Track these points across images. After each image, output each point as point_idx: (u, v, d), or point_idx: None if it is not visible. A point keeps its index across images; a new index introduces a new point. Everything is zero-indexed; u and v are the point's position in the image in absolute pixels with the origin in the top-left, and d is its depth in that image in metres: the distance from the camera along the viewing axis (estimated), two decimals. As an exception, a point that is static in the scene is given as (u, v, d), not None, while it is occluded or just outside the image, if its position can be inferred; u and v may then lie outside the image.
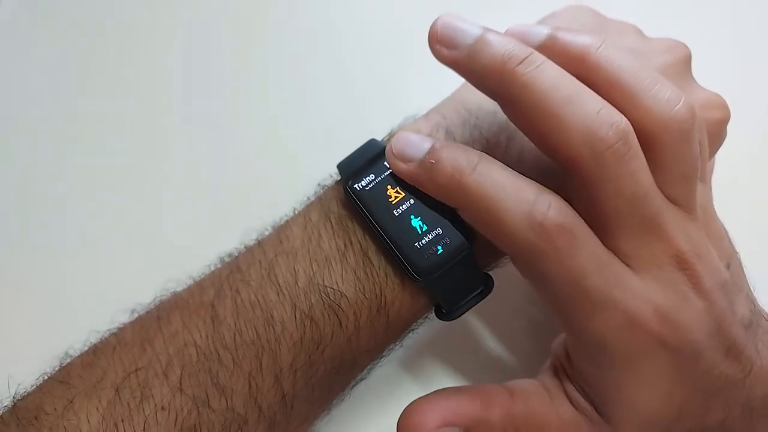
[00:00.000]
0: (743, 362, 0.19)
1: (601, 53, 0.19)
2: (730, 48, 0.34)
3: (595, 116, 0.18)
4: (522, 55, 0.18)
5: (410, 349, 0.25)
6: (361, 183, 0.20)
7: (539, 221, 0.18)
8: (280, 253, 0.20)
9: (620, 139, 0.18)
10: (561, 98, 0.18)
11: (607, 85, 0.19)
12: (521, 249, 0.18)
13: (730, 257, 0.20)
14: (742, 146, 0.27)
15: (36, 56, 0.36)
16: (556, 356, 0.22)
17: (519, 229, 0.18)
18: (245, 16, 0.37)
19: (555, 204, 0.18)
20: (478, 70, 0.19)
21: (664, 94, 0.18)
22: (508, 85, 0.18)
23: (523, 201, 0.18)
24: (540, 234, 0.18)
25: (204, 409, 0.19)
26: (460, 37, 0.19)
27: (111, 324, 0.21)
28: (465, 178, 0.19)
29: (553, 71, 0.18)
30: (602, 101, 0.18)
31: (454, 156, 0.19)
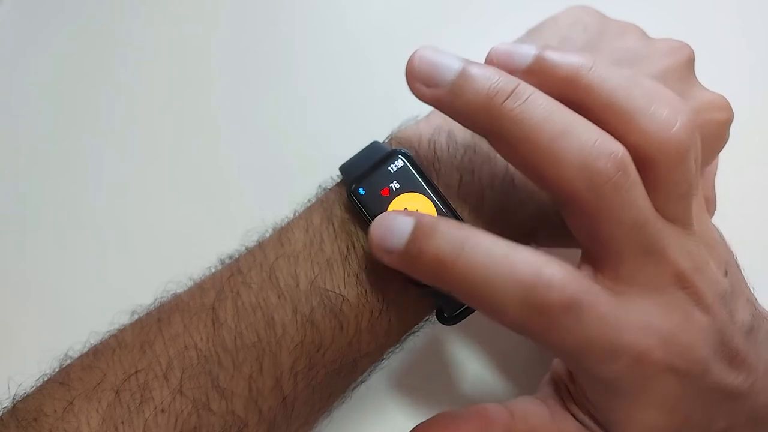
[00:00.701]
0: (746, 371, 0.19)
1: (593, 74, 0.18)
2: (733, 48, 0.33)
3: (592, 148, 0.17)
4: (509, 89, 0.18)
5: (411, 352, 0.25)
6: (366, 189, 0.20)
7: (539, 304, 0.17)
8: (281, 255, 0.20)
9: (619, 170, 0.17)
10: (554, 131, 0.17)
11: (601, 107, 0.18)
12: (520, 330, 0.18)
13: (728, 263, 0.20)
14: (745, 147, 0.27)
15: (36, 56, 0.36)
16: (556, 374, 0.22)
17: (516, 313, 0.17)
18: (246, 17, 0.37)
19: (557, 279, 0.17)
20: (462, 109, 0.18)
21: (661, 114, 0.18)
22: (496, 121, 0.18)
23: (518, 283, 0.17)
24: (541, 316, 0.17)
25: (204, 412, 0.19)
26: (439, 74, 0.18)
27: (111, 325, 0.21)
28: (450, 266, 0.17)
29: (543, 103, 0.17)
30: (598, 130, 0.17)
31: (435, 242, 0.18)
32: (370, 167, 0.21)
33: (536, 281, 0.17)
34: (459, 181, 0.21)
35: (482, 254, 0.17)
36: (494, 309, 0.17)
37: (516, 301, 0.17)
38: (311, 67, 0.35)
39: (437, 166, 0.21)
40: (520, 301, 0.17)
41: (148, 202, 0.32)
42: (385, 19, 0.36)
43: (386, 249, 0.18)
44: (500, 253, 0.17)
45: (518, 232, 0.22)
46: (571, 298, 0.17)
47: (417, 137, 0.22)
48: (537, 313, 0.17)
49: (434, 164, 0.21)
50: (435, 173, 0.21)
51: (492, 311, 0.18)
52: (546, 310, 0.17)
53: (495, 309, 0.17)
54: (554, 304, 0.17)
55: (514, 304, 0.17)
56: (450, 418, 0.20)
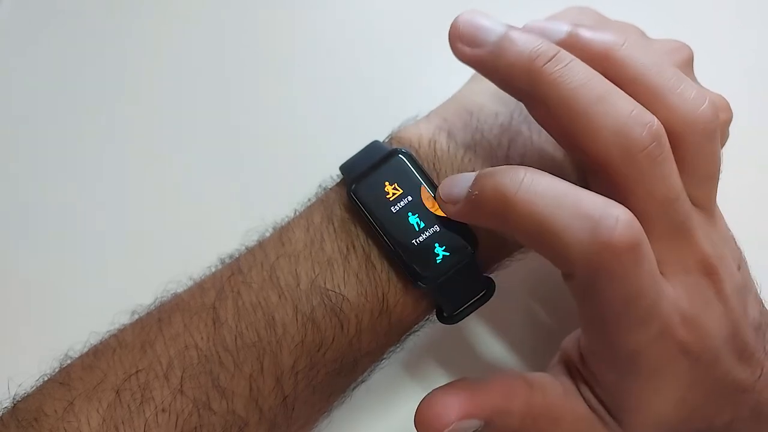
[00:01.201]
0: (753, 365, 0.19)
1: (625, 51, 0.18)
2: (732, 48, 0.34)
3: (628, 116, 0.17)
4: (550, 53, 0.18)
5: (411, 351, 0.25)
6: (366, 188, 0.20)
7: (606, 240, 0.16)
8: (282, 255, 0.20)
9: (654, 141, 0.17)
10: (592, 97, 0.17)
11: (632, 83, 0.18)
12: (581, 268, 0.17)
13: (740, 259, 0.20)
14: (744, 147, 0.27)
15: (36, 56, 0.36)
16: (567, 356, 0.21)
17: (581, 249, 0.17)
18: (246, 17, 0.37)
19: (623, 218, 0.16)
20: (503, 69, 0.18)
21: (690, 94, 0.18)
22: (536, 83, 0.18)
23: (585, 218, 0.16)
24: (607, 254, 0.16)
25: (205, 411, 0.19)
26: (483, 35, 0.19)
27: (111, 325, 0.21)
28: (511, 200, 0.17)
29: (582, 69, 0.18)
30: (634, 102, 0.18)
31: (496, 179, 0.18)
32: (371, 167, 0.21)
33: (604, 216, 0.16)
34: None
35: (544, 186, 0.17)
36: (558, 245, 0.17)
37: (582, 236, 0.16)
38: (311, 67, 0.35)
39: (437, 166, 0.21)
40: (588, 235, 0.16)
41: (148, 201, 0.32)
42: (385, 19, 0.36)
43: (452, 199, 0.19)
44: (564, 188, 0.17)
45: None
46: (636, 238, 0.16)
47: (417, 137, 0.22)
48: (602, 248, 0.16)
49: (434, 164, 0.21)
50: (435, 173, 0.21)
51: (555, 248, 0.17)
52: (612, 247, 0.16)
53: (559, 245, 0.17)
54: (620, 241, 0.16)
55: (581, 239, 0.16)
56: (471, 385, 0.20)
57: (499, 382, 0.20)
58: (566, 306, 0.27)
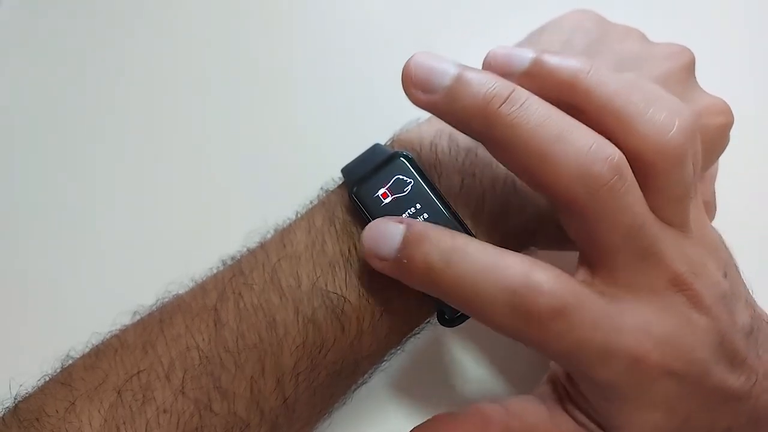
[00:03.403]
0: (747, 372, 0.19)
1: (591, 78, 0.18)
2: (734, 52, 0.34)
3: (588, 152, 0.17)
4: (505, 94, 0.18)
5: (412, 353, 0.25)
6: (367, 190, 0.20)
7: (528, 310, 0.17)
8: (283, 257, 0.20)
9: (615, 175, 0.17)
10: (550, 136, 0.17)
11: (599, 111, 0.18)
12: (512, 335, 0.18)
13: (727, 265, 0.20)
14: (745, 150, 0.27)
15: (36, 56, 0.36)
16: (555, 376, 0.22)
17: (506, 319, 0.17)
18: (249, 18, 0.37)
19: (546, 284, 0.17)
20: (458, 114, 0.18)
21: (659, 118, 0.18)
22: (492, 127, 0.18)
23: (507, 290, 0.17)
24: (531, 322, 0.17)
25: (206, 413, 0.19)
26: (436, 79, 0.18)
27: (113, 326, 0.21)
28: (439, 275, 0.18)
29: (538, 108, 0.18)
30: (593, 134, 0.18)
31: (425, 250, 0.18)
32: (372, 169, 0.21)
33: (525, 287, 0.17)
34: (460, 184, 0.21)
35: (471, 262, 0.17)
36: (485, 316, 0.18)
37: (505, 308, 0.17)
38: (313, 69, 0.35)
39: (439, 169, 0.21)
40: (510, 307, 0.17)
41: (150, 202, 0.32)
42: (387, 21, 0.36)
43: (378, 257, 0.19)
44: (489, 260, 0.17)
45: (519, 234, 0.22)
46: (560, 303, 0.17)
47: (419, 140, 0.22)
48: (526, 318, 0.17)
49: (436, 167, 0.22)
50: (437, 176, 0.21)
51: (483, 318, 0.18)
52: (535, 316, 0.17)
53: (485, 316, 0.18)
54: (543, 310, 0.17)
55: (504, 311, 0.17)
56: (447, 419, 0.20)
57: (475, 414, 0.20)
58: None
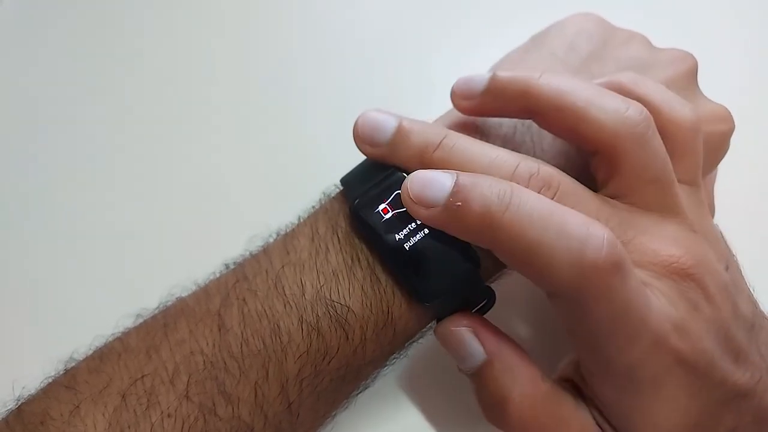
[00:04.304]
0: (751, 368, 0.19)
1: (541, 82, 0.19)
2: (738, 59, 0.34)
3: (515, 171, 0.19)
4: (436, 140, 0.20)
5: (414, 358, 0.25)
6: (367, 206, 0.20)
7: (592, 261, 0.16)
8: (287, 264, 0.20)
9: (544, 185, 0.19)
10: (483, 163, 0.19)
11: (554, 110, 0.19)
12: (569, 289, 0.17)
13: (728, 260, 0.20)
14: (744, 155, 0.27)
15: (36, 56, 0.36)
16: (568, 378, 0.21)
17: (567, 271, 0.17)
18: (251, 21, 0.37)
19: (608, 237, 0.17)
20: (401, 163, 0.20)
21: (611, 104, 0.18)
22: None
23: (571, 238, 0.17)
24: (594, 274, 0.16)
25: (210, 417, 0.19)
26: (378, 134, 0.21)
27: (115, 329, 0.21)
28: (498, 218, 0.17)
29: (466, 144, 0.20)
30: (515, 155, 0.19)
31: (482, 192, 0.17)
32: (373, 184, 0.21)
33: (588, 238, 0.17)
34: None
35: (531, 207, 0.17)
36: (544, 266, 0.17)
37: (568, 257, 0.16)
38: (315, 73, 0.35)
39: None
40: (573, 256, 0.16)
41: (153, 205, 0.32)
42: (389, 26, 0.36)
43: (426, 203, 0.18)
44: (548, 207, 0.17)
45: None
46: (621, 258, 0.17)
47: None
48: (589, 269, 0.16)
49: None
50: None
51: (541, 269, 0.17)
52: (597, 268, 0.16)
53: (545, 266, 0.17)
54: (606, 262, 0.16)
55: (566, 260, 0.17)
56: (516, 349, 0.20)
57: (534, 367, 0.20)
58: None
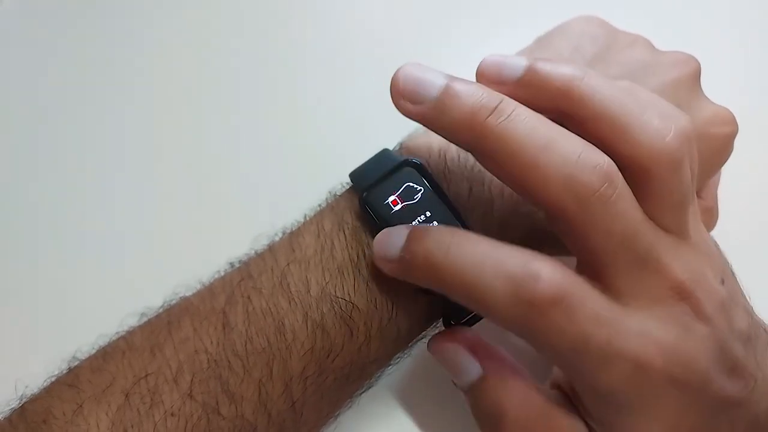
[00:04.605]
0: (746, 379, 0.19)
1: (585, 85, 0.18)
2: (741, 61, 0.34)
3: (576, 161, 0.17)
4: (492, 105, 0.18)
5: (419, 357, 0.25)
6: (377, 197, 0.20)
7: (528, 298, 0.17)
8: (292, 261, 0.20)
9: (605, 182, 0.17)
10: (537, 146, 0.17)
11: (594, 118, 0.18)
12: (513, 326, 0.18)
13: (724, 272, 0.20)
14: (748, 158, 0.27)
15: (36, 56, 0.36)
16: (558, 386, 0.21)
17: (508, 311, 0.17)
18: (257, 21, 0.37)
19: (545, 272, 0.17)
20: (446, 125, 0.18)
21: (654, 124, 0.18)
22: (480, 138, 0.18)
23: (506, 279, 0.17)
24: (531, 310, 0.17)
25: (214, 416, 0.19)
26: (423, 91, 0.18)
27: (119, 327, 0.21)
28: (439, 266, 0.18)
29: (526, 118, 0.18)
30: (582, 143, 0.18)
31: (424, 246, 0.18)
32: (382, 176, 0.21)
33: (523, 274, 0.17)
34: (469, 191, 0.21)
35: (470, 251, 0.18)
36: (486, 306, 0.17)
37: (505, 296, 0.17)
38: (322, 72, 0.35)
39: (447, 176, 0.22)
40: (509, 295, 0.17)
41: (158, 204, 0.32)
42: (396, 26, 0.36)
43: (386, 259, 0.19)
44: (487, 250, 0.18)
45: (526, 242, 0.22)
46: (559, 291, 0.17)
47: (427, 146, 0.22)
48: (526, 307, 0.17)
49: (445, 174, 0.22)
50: (446, 183, 0.21)
51: (484, 308, 0.18)
52: (535, 304, 0.17)
53: (486, 306, 0.17)
54: (543, 297, 0.16)
55: (504, 300, 0.17)
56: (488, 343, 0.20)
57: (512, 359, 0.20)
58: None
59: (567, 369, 0.19)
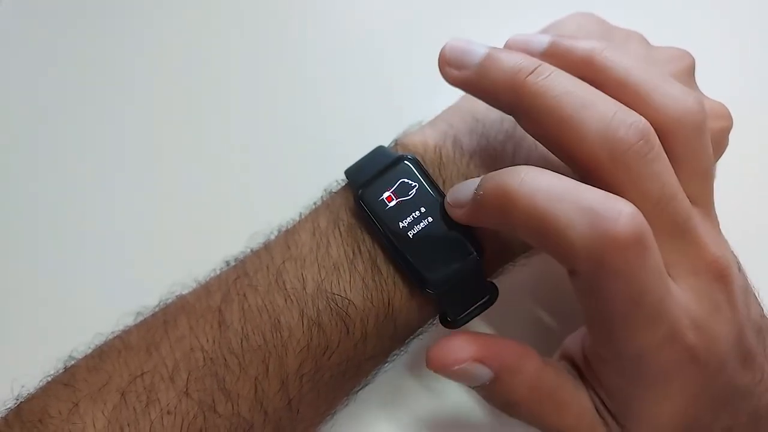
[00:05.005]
0: (756, 370, 0.19)
1: (606, 54, 0.19)
2: (735, 57, 0.34)
3: (612, 118, 0.17)
4: (531, 66, 0.18)
5: (415, 354, 0.25)
6: (372, 193, 0.20)
7: (609, 233, 0.16)
8: (288, 258, 0.20)
9: (641, 138, 0.17)
10: (575, 104, 0.18)
11: (617, 85, 0.19)
12: (585, 264, 0.17)
13: (737, 261, 0.20)
14: (743, 153, 0.27)
15: (37, 55, 0.36)
16: (569, 357, 0.21)
17: (584, 244, 0.16)
18: (253, 20, 0.37)
19: (626, 210, 0.16)
20: (489, 87, 0.19)
21: (674, 90, 0.18)
22: (520, 96, 0.18)
23: (587, 211, 0.16)
24: (610, 247, 0.16)
25: (210, 414, 0.19)
26: (468, 57, 0.20)
27: (116, 327, 0.21)
28: (514, 196, 0.17)
29: (564, 78, 0.18)
30: (617, 104, 0.18)
31: (498, 178, 0.18)
32: (377, 172, 0.21)
33: (605, 208, 0.16)
34: None
35: (545, 182, 0.17)
36: (561, 239, 0.17)
37: (585, 230, 0.16)
38: (317, 71, 0.35)
39: (443, 173, 0.22)
40: (590, 229, 0.16)
41: (153, 203, 0.32)
42: (391, 25, 0.36)
43: (459, 203, 0.19)
44: (564, 182, 0.17)
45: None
46: (641, 231, 0.16)
47: (423, 143, 0.22)
48: (605, 242, 0.16)
49: (440, 170, 0.22)
50: (441, 180, 0.21)
51: (559, 243, 0.17)
52: (615, 241, 0.16)
53: (560, 239, 0.17)
54: (624, 235, 0.16)
55: (582, 233, 0.16)
56: (485, 337, 0.20)
57: (515, 343, 0.20)
58: (568, 309, 0.27)
59: (607, 325, 0.18)
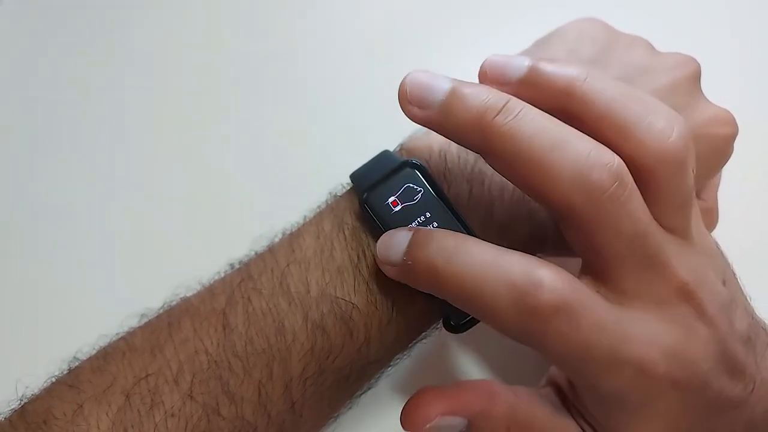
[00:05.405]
0: (746, 380, 0.19)
1: (587, 85, 0.18)
2: (740, 63, 0.34)
3: (586, 159, 0.17)
4: (498, 105, 0.17)
5: (417, 358, 0.25)
6: (378, 198, 0.20)
7: (530, 307, 0.17)
8: (292, 262, 0.21)
9: (615, 181, 0.17)
10: (546, 145, 0.17)
11: (597, 118, 0.18)
12: (516, 334, 0.17)
13: (725, 272, 0.20)
14: (748, 159, 0.27)
15: (37, 55, 0.36)
16: (555, 383, 0.22)
17: (509, 317, 0.17)
18: (257, 22, 0.37)
19: (547, 280, 0.17)
20: (453, 127, 0.18)
21: (658, 125, 0.17)
22: (488, 138, 0.18)
23: (509, 287, 0.17)
24: (533, 319, 0.17)
25: (214, 417, 0.19)
26: (429, 95, 0.18)
27: (120, 328, 0.21)
28: (441, 273, 0.18)
29: (534, 117, 0.17)
30: (591, 142, 0.17)
31: (426, 253, 0.18)
32: (382, 177, 0.21)
33: (526, 282, 0.17)
34: (469, 192, 0.22)
35: (472, 258, 0.18)
36: (488, 314, 0.17)
37: (508, 304, 0.17)
38: (322, 74, 0.35)
39: (448, 178, 0.22)
40: (512, 303, 0.17)
41: (158, 205, 0.32)
42: (396, 27, 0.36)
43: (388, 262, 0.19)
44: (490, 257, 0.18)
45: (527, 242, 0.22)
46: (561, 299, 0.17)
47: (428, 147, 0.22)
48: (529, 316, 0.17)
49: (445, 174, 0.22)
50: (446, 184, 0.21)
51: (486, 316, 0.18)
52: (538, 313, 0.17)
53: (489, 313, 0.17)
54: (545, 306, 0.16)
55: (507, 308, 0.17)
56: (455, 386, 0.20)
57: (485, 386, 0.20)
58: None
59: (570, 373, 0.19)
